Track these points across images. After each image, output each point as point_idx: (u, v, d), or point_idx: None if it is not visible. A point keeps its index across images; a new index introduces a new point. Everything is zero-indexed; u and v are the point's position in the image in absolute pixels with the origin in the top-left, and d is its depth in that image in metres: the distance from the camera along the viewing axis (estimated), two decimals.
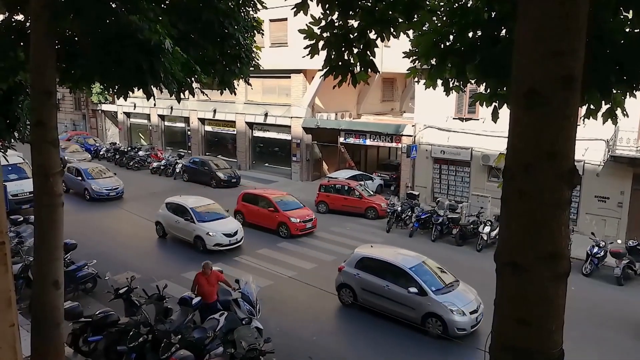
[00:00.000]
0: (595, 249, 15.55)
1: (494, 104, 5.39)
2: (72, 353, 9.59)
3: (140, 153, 32.34)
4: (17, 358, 2.97)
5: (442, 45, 5.20)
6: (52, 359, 7.60)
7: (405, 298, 11.69)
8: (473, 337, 11.27)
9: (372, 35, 5.46)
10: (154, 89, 7.38)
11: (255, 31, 9.50)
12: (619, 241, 16.87)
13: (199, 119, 33.68)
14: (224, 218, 17.64)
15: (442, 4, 5.29)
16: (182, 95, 8.07)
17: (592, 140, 18.39)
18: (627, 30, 4.63)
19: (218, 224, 17.09)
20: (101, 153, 33.82)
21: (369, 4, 5.33)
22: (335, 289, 13.20)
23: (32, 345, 7.53)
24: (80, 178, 23.80)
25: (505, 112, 3.98)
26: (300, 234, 18.60)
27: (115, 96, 7.51)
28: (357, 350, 10.89)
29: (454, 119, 22.52)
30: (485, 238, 17.47)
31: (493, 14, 4.92)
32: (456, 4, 5.14)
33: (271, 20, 25.83)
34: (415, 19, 5.22)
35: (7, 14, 7.73)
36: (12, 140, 10.06)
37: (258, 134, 31.16)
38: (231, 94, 9.73)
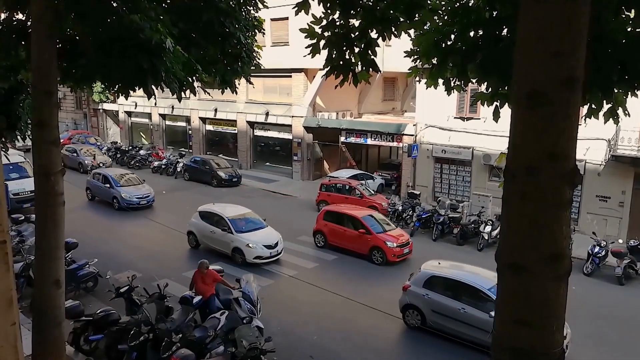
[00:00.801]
0: (597, 249, 15.54)
1: (495, 103, 5.39)
2: (73, 352, 9.60)
3: (142, 152, 32.35)
4: (18, 357, 2.98)
5: (444, 44, 5.20)
6: (53, 357, 7.62)
7: (487, 323, 10.10)
8: None
9: (374, 35, 5.45)
10: (155, 88, 7.39)
11: (256, 30, 9.51)
12: (620, 241, 16.85)
13: (200, 118, 33.69)
14: (263, 228, 16.42)
15: (443, 3, 5.28)
16: (183, 95, 8.07)
17: (593, 140, 18.36)
18: (629, 29, 4.62)
19: (258, 234, 15.92)
20: (102, 152, 33.86)
21: (370, 3, 5.33)
22: (399, 310, 12.04)
23: (33, 343, 7.55)
24: (108, 185, 22.14)
25: (506, 112, 3.98)
26: (398, 261, 15.96)
27: (116, 95, 7.53)
28: (359, 349, 10.89)
29: (455, 118, 22.50)
30: (486, 237, 17.47)
31: (494, 13, 4.92)
32: (457, 4, 5.13)
33: (272, 20, 25.82)
34: (416, 18, 5.21)
35: (7, 13, 7.74)
36: (14, 140, 10.08)
37: (259, 133, 31.16)
38: (232, 93, 9.74)
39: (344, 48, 5.42)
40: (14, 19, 7.80)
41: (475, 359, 10.31)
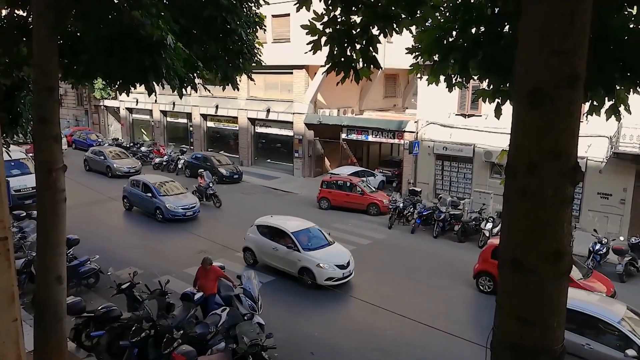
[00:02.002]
0: (598, 246, 15.53)
1: (496, 100, 5.38)
2: (75, 348, 9.64)
3: (143, 149, 32.37)
4: (20, 352, 2.98)
5: (445, 41, 5.19)
6: (55, 353, 7.65)
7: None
8: None
9: (375, 31, 5.44)
10: (156, 85, 7.39)
11: (257, 27, 9.50)
12: (621, 238, 16.84)
13: (201, 114, 33.69)
14: (331, 245, 14.59)
15: None
16: (184, 91, 8.07)
17: (595, 137, 18.33)
18: (631, 26, 4.60)
19: (327, 252, 14.07)
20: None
21: (372, 0, 5.32)
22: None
23: (35, 339, 7.57)
24: (149, 194, 19.86)
25: (508, 109, 3.97)
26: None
27: (118, 92, 7.54)
28: (358, 345, 10.91)
29: (456, 115, 22.47)
30: (487, 234, 17.45)
31: (496, 10, 4.91)
32: (459, 0, 5.12)
33: (273, 16, 25.79)
34: (418, 15, 5.20)
35: (8, 10, 7.74)
36: (15, 137, 10.08)
37: (260, 130, 31.15)
38: (234, 89, 9.74)
39: (345, 45, 5.41)
40: (15, 15, 7.80)
41: None
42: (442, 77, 5.61)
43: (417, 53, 5.54)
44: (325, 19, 5.35)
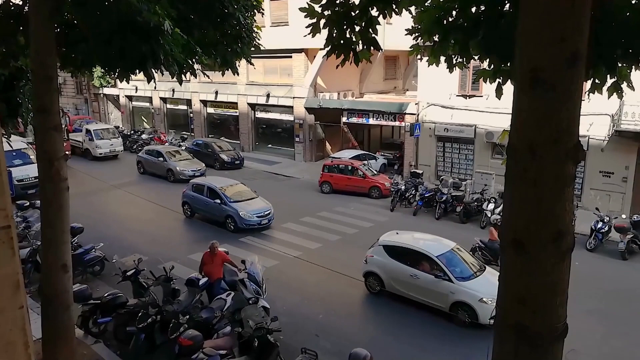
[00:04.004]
0: (600, 224, 15.56)
1: (497, 80, 5.35)
2: (83, 334, 9.75)
3: (144, 136, 32.31)
4: (27, 339, 3.02)
5: (445, 21, 5.13)
6: (63, 340, 7.75)
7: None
8: None
9: (374, 12, 5.38)
10: (155, 72, 7.35)
11: (255, 10, 9.41)
12: (624, 216, 16.87)
13: (201, 101, 33.56)
14: (485, 270, 11.68)
15: None
16: (183, 77, 8.03)
17: (596, 115, 18.25)
18: (633, 2, 4.55)
19: (486, 281, 10.97)
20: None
21: None
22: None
23: (42, 327, 7.66)
24: (218, 201, 17.25)
25: (509, 88, 3.95)
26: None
27: (117, 79, 7.51)
28: (363, 327, 11.02)
29: (457, 96, 22.35)
30: (489, 215, 17.50)
31: None
32: None
33: None
34: None
35: None
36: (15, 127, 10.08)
37: (260, 115, 31.05)
38: (234, 74, 9.68)
39: (345, 27, 5.36)
40: (11, 4, 7.74)
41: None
42: (442, 58, 5.56)
43: (417, 34, 5.49)
44: (324, 1, 5.29)
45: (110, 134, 29.74)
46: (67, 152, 25.11)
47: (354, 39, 5.44)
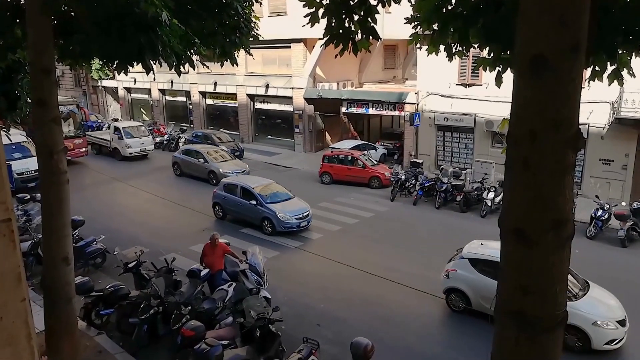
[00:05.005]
0: (600, 212, 15.58)
1: (497, 68, 5.33)
2: (85, 326, 9.81)
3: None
4: (30, 332, 3.04)
5: (445, 9, 5.11)
6: (66, 332, 7.80)
7: None
8: None
9: (373, 1, 5.35)
10: (153, 63, 7.32)
11: (253, 0, 9.35)
12: (623, 203, 16.89)
13: (199, 92, 33.45)
14: (589, 287, 10.55)
15: None
16: (182, 69, 8.00)
17: (596, 103, 18.19)
18: None
19: (594, 301, 10.13)
20: (103, 130, 33.74)
21: None
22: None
23: (45, 320, 7.71)
24: (253, 202, 16.18)
25: (508, 77, 3.93)
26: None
27: (115, 71, 7.48)
28: (363, 316, 11.08)
29: (457, 85, 22.28)
30: (490, 204, 17.53)
31: None
32: None
33: None
34: None
35: None
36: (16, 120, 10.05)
37: (260, 106, 30.97)
38: (232, 65, 9.64)
39: (343, 16, 5.33)
40: None
41: None
42: (442, 47, 5.54)
43: (416, 22, 5.46)
44: None
45: (140, 132, 27.78)
46: (84, 149, 25.20)
47: (352, 29, 5.42)
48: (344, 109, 26.87)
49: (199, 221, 17.20)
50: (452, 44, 5.50)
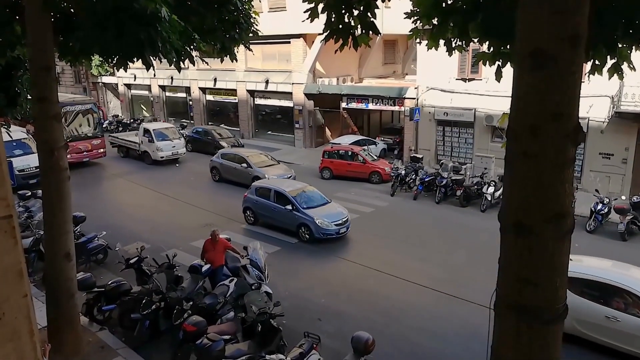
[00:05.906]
0: (600, 206, 15.59)
1: (497, 63, 5.33)
2: (88, 322, 9.84)
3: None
4: (32, 327, 3.07)
5: (444, 4, 5.10)
6: (68, 327, 7.85)
7: None
8: None
9: None
10: (153, 59, 7.32)
11: None
12: (623, 197, 16.90)
13: (199, 88, 33.40)
14: None
15: None
16: (182, 65, 8.00)
17: (596, 97, 18.16)
18: None
19: None
20: (104, 126, 33.67)
21: None
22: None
23: (48, 315, 7.75)
24: (289, 207, 15.17)
25: (508, 71, 3.94)
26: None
27: (115, 68, 7.48)
28: (364, 310, 11.12)
29: (456, 79, 22.24)
30: (489, 198, 17.53)
31: None
32: None
33: None
34: None
35: None
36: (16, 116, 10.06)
37: (260, 101, 30.92)
38: (232, 61, 9.64)
39: (343, 11, 5.33)
40: None
41: None
42: (441, 41, 5.54)
43: (416, 17, 5.46)
44: None
45: (172, 134, 25.83)
46: (102, 150, 24.45)
47: (352, 24, 5.41)
48: (343, 104, 26.83)
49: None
50: (452, 39, 5.50)
